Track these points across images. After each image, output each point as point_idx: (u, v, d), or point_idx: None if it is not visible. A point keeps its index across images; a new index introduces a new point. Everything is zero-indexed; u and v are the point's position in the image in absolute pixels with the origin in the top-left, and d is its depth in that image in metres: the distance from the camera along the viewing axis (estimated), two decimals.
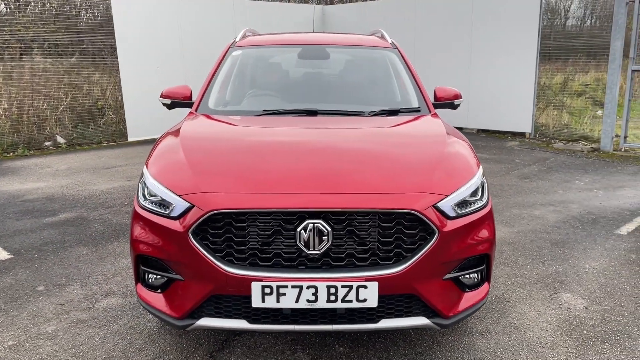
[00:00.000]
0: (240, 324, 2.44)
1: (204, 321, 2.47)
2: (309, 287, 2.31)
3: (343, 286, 2.31)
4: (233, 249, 2.37)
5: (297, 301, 2.32)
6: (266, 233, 2.35)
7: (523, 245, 4.51)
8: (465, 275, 2.60)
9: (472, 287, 2.64)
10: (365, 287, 2.32)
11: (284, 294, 2.31)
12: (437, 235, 2.39)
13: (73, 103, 9.63)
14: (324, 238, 2.31)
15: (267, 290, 2.31)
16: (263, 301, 2.33)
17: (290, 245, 2.35)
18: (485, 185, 2.75)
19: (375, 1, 11.82)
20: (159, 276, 2.57)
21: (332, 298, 2.32)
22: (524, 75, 9.55)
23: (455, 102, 3.97)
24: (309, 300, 2.32)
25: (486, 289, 2.69)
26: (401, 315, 2.47)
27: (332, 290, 2.31)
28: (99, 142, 9.51)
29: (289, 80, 4.30)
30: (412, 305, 2.48)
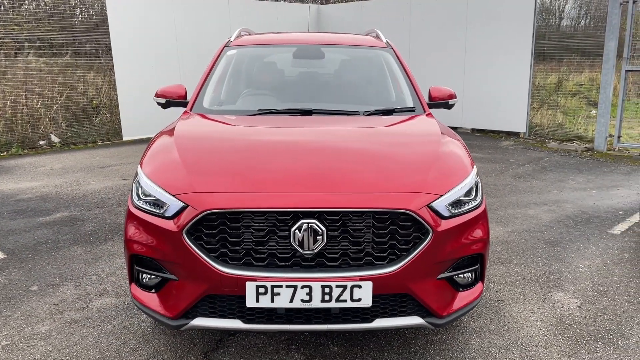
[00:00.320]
0: (234, 323, 2.44)
1: (198, 321, 2.47)
2: (304, 287, 2.31)
3: (337, 286, 2.32)
4: (227, 248, 2.36)
5: (292, 301, 2.32)
6: (260, 233, 2.35)
7: (517, 245, 4.52)
8: (459, 275, 2.61)
9: (466, 287, 2.65)
10: (359, 287, 2.33)
11: (279, 294, 2.32)
12: (431, 234, 2.39)
13: (67, 102, 9.60)
14: (318, 238, 2.31)
15: (262, 290, 2.31)
16: (257, 301, 2.33)
17: (285, 245, 2.35)
18: (479, 184, 2.76)
19: (370, 1, 11.83)
20: (153, 276, 2.56)
21: (327, 298, 2.33)
22: (519, 75, 9.59)
23: (449, 102, 3.98)
24: (303, 300, 2.33)
25: (480, 288, 2.70)
26: (395, 314, 2.48)
27: (327, 290, 2.32)
28: (94, 141, 9.47)
29: (284, 79, 4.29)
30: (407, 305, 2.49)
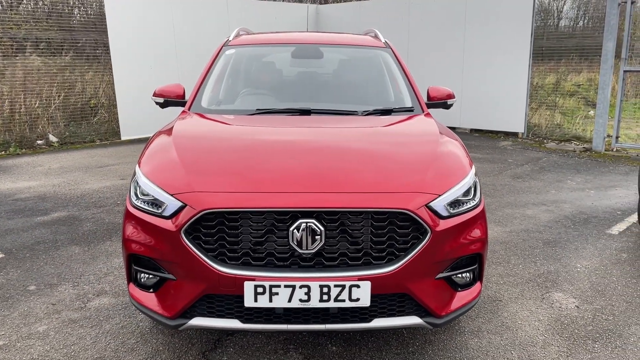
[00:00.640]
0: (232, 323, 2.44)
1: (197, 321, 2.46)
2: (302, 287, 2.31)
3: (336, 285, 2.31)
4: (226, 248, 2.36)
5: (290, 301, 2.32)
6: (259, 232, 2.34)
7: (515, 245, 4.53)
8: (458, 275, 2.61)
9: (465, 287, 2.65)
10: (358, 287, 2.33)
11: (277, 294, 2.31)
12: (430, 234, 2.39)
13: (65, 101, 9.58)
14: (316, 237, 2.31)
15: (260, 289, 2.31)
16: (256, 301, 2.33)
17: (283, 245, 2.35)
18: (477, 184, 2.76)
19: (369, 1, 11.83)
20: (151, 276, 2.56)
21: (325, 297, 2.32)
22: (517, 75, 9.59)
23: (448, 102, 3.98)
24: (301, 300, 2.32)
25: (478, 288, 2.70)
26: (394, 314, 2.48)
27: (325, 290, 2.32)
28: (92, 141, 9.46)
29: (283, 79, 4.29)
30: (405, 305, 2.49)
